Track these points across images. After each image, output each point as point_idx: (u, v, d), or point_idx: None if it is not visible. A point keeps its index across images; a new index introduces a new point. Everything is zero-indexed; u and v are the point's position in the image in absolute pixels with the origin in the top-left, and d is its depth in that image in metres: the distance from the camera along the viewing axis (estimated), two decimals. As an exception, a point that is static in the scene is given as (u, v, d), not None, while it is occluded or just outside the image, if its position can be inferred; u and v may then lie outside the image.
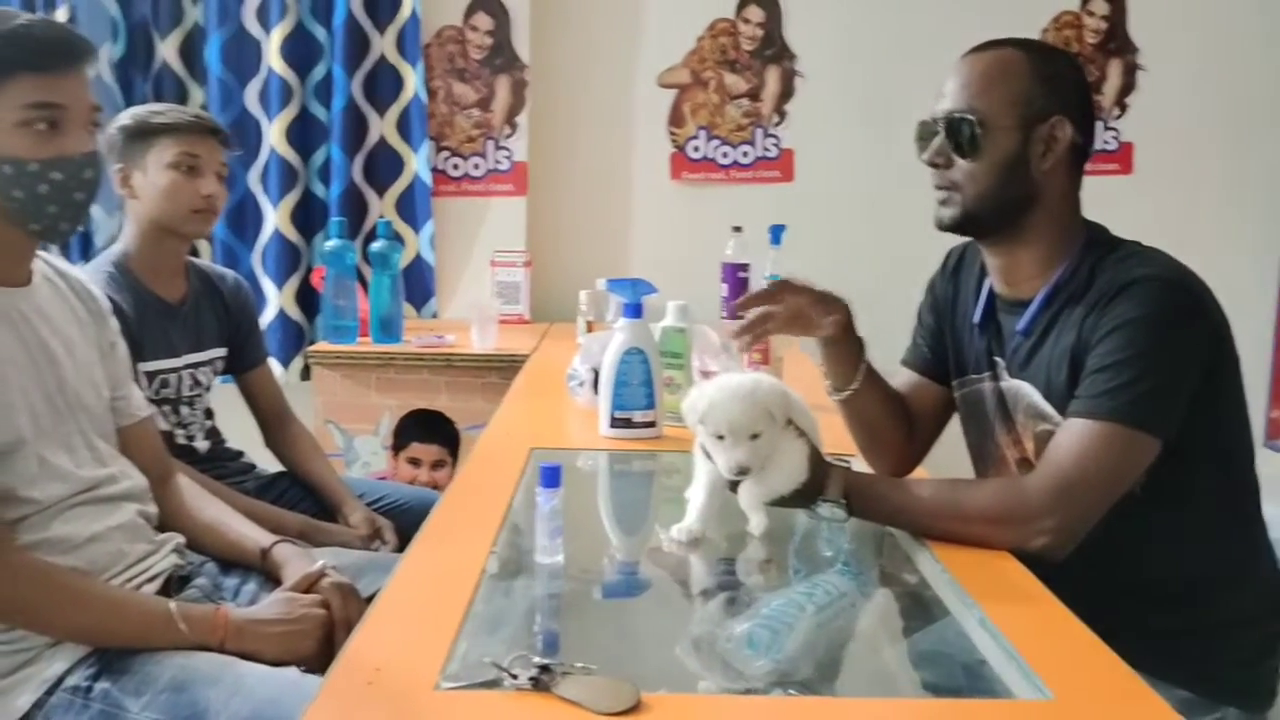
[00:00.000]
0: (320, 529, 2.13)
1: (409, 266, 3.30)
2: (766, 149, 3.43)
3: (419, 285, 3.34)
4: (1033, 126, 1.49)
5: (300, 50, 3.23)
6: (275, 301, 3.27)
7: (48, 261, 1.62)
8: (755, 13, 3.38)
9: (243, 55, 3.24)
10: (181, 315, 2.17)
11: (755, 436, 1.43)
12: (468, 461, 1.84)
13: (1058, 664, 1.09)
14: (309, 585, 1.57)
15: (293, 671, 1.44)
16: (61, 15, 3.14)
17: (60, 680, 1.41)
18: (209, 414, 2.28)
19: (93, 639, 1.43)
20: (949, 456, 1.79)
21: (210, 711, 1.33)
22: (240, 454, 2.34)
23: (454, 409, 2.84)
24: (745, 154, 3.44)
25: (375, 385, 2.87)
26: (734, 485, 1.47)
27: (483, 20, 3.32)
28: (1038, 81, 1.49)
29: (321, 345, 2.95)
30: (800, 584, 1.41)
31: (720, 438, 1.43)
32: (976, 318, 1.64)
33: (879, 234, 3.30)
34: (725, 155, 3.44)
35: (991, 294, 1.63)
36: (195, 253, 3.28)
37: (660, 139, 3.43)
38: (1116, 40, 3.32)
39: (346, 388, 2.88)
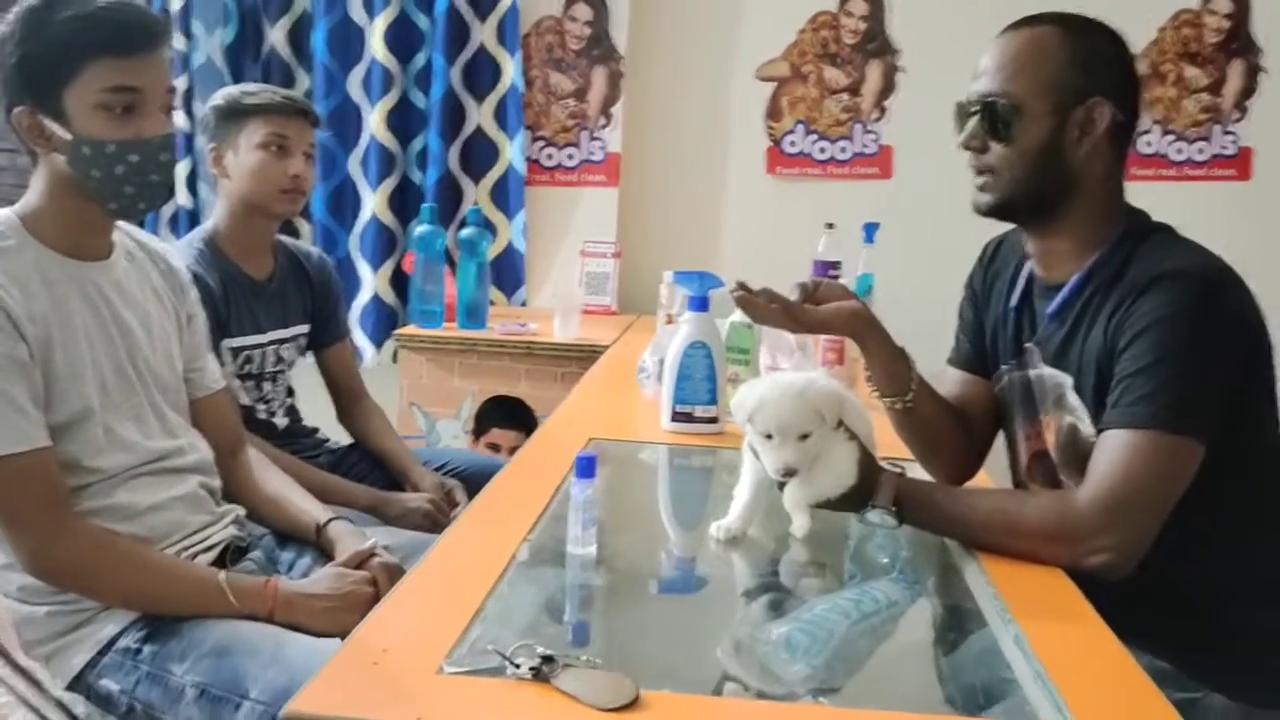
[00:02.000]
0: (389, 501, 2.17)
1: (501, 254, 3.34)
2: (865, 145, 3.37)
3: (510, 273, 3.37)
4: (1068, 110, 1.43)
5: (402, 38, 3.29)
6: (370, 285, 3.34)
7: (129, 234, 1.67)
8: (858, 6, 3.32)
9: (347, 42, 3.31)
10: (268, 293, 2.22)
11: (804, 437, 1.40)
12: (524, 448, 1.84)
13: (1089, 689, 1.04)
14: (359, 562, 1.60)
15: (335, 643, 1.46)
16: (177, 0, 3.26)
17: (113, 642, 1.46)
18: (290, 391, 2.34)
19: (144, 605, 1.48)
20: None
21: (248, 678, 1.37)
22: (315, 430, 2.40)
23: (533, 396, 2.86)
24: (843, 149, 3.38)
25: (458, 370, 2.90)
26: (782, 485, 1.44)
27: (582, 11, 3.33)
28: (1073, 62, 1.44)
29: (409, 329, 3.00)
30: (850, 590, 1.38)
31: (768, 437, 1.40)
32: (1013, 301, 1.60)
33: (979, 236, 3.20)
34: (822, 150, 3.38)
35: (1030, 278, 1.58)
36: (296, 234, 3.38)
37: (756, 132, 3.39)
38: (1238, 41, 3.16)
39: (430, 371, 2.92)
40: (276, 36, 3.34)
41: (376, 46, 3.26)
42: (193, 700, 1.39)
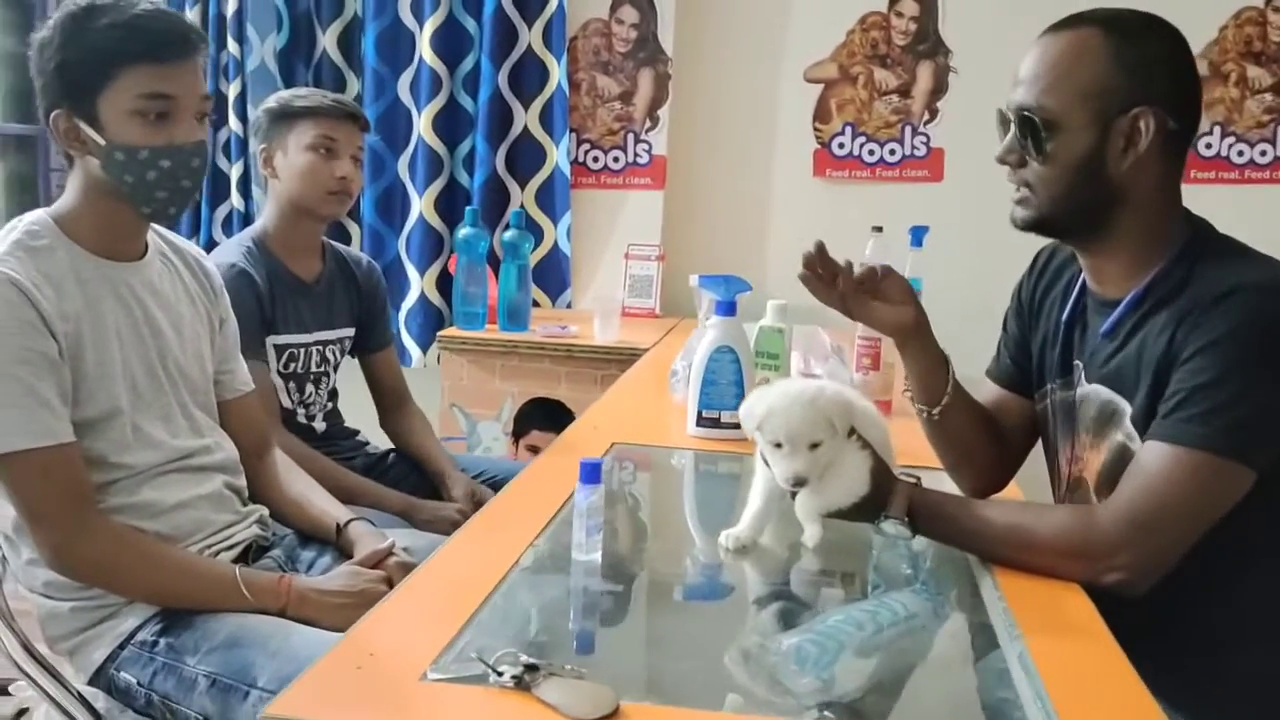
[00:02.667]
0: (420, 507, 2.18)
1: (546, 257, 3.35)
2: (915, 147, 3.32)
3: (555, 276, 3.38)
4: (1111, 120, 1.34)
5: (451, 42, 3.31)
6: (417, 287, 3.37)
7: (163, 236, 1.69)
8: (909, 6, 3.26)
9: (397, 46, 3.34)
10: (315, 293, 2.25)
11: (814, 446, 1.37)
12: (546, 452, 1.84)
13: (1090, 712, 1.01)
14: (376, 562, 1.62)
15: (341, 637, 1.47)
16: (231, 5, 3.31)
17: (131, 635, 1.49)
18: (333, 395, 2.36)
19: (163, 600, 1.50)
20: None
21: (255, 667, 1.39)
22: (355, 432, 2.42)
23: (573, 399, 2.86)
24: (892, 152, 3.33)
25: (499, 372, 2.92)
26: (794, 494, 1.42)
27: (628, 13, 3.32)
28: (1118, 68, 1.33)
29: (450, 331, 3.01)
30: (869, 601, 1.36)
31: (778, 445, 1.38)
32: (1065, 315, 1.52)
33: (1032, 243, 3.13)
34: (871, 153, 3.34)
35: (1083, 291, 1.50)
36: (347, 237, 3.43)
37: (804, 135, 3.36)
38: (1306, 39, 3.06)
39: (471, 373, 2.94)
40: (328, 41, 3.39)
41: (425, 50, 3.29)
42: (205, 690, 1.42)
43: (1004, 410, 1.64)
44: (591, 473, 1.32)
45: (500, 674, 0.99)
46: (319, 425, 2.30)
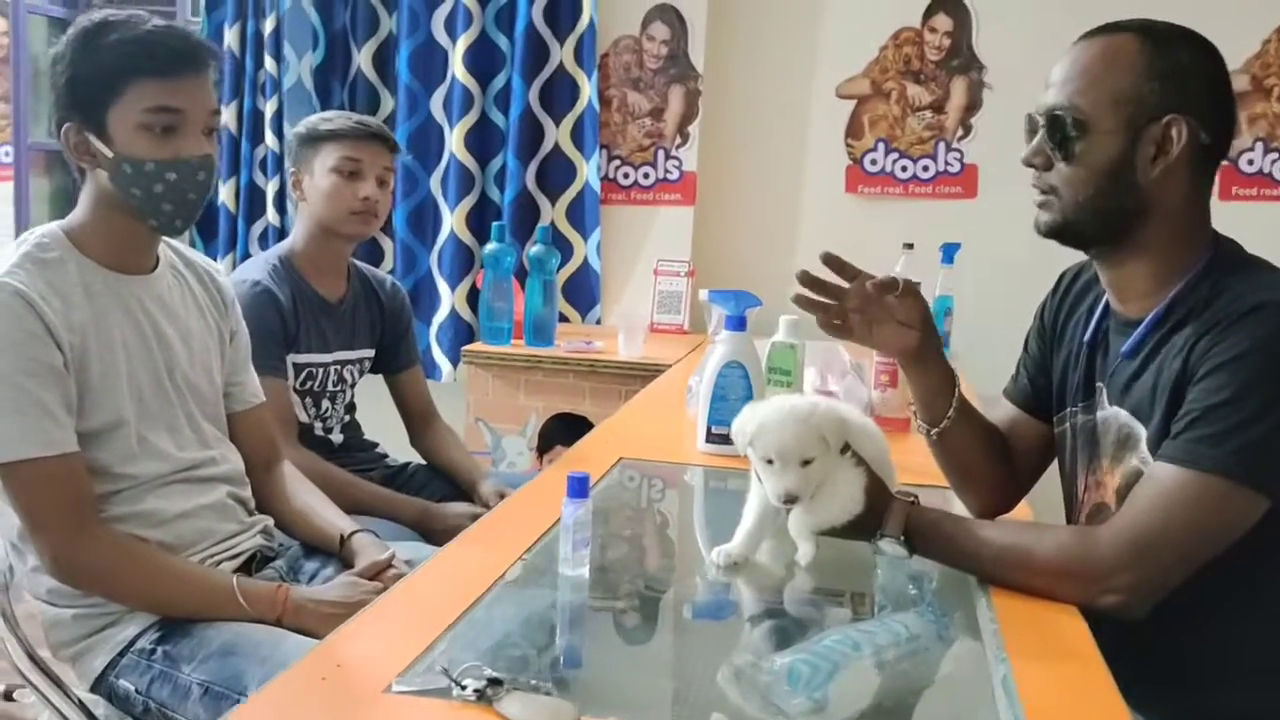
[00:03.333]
0: (436, 513, 2.18)
1: (576, 273, 3.36)
2: (948, 164, 3.28)
3: (585, 291, 3.38)
4: (1141, 127, 1.31)
5: (483, 59, 3.34)
6: (448, 302, 3.39)
7: (175, 250, 1.72)
8: (943, 21, 3.24)
9: (430, 64, 3.38)
10: (339, 313, 2.27)
11: (807, 463, 1.35)
12: (552, 466, 1.83)
13: (1067, 738, 0.98)
14: (376, 573, 1.62)
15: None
16: (269, 24, 3.37)
17: (131, 643, 1.51)
18: (350, 408, 2.38)
19: (161, 608, 1.52)
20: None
21: (247, 675, 1.40)
22: (374, 444, 2.43)
23: (596, 414, 2.85)
24: (925, 168, 3.30)
25: (524, 387, 2.92)
26: (789, 511, 1.40)
27: (659, 30, 3.33)
28: (1152, 75, 1.30)
29: (476, 345, 3.03)
30: (870, 621, 1.33)
31: (769, 462, 1.36)
32: (1087, 336, 1.47)
33: (1066, 260, 3.08)
34: (904, 169, 3.31)
35: (1105, 312, 1.46)
36: (380, 253, 3.46)
37: (836, 151, 3.34)
38: (1349, 53, 2.98)
39: (497, 388, 2.95)
40: (363, 59, 3.43)
41: (457, 67, 3.32)
42: (198, 698, 1.43)
43: (1017, 431, 1.60)
44: (578, 487, 1.31)
45: (463, 688, 0.98)
46: (336, 438, 2.31)
